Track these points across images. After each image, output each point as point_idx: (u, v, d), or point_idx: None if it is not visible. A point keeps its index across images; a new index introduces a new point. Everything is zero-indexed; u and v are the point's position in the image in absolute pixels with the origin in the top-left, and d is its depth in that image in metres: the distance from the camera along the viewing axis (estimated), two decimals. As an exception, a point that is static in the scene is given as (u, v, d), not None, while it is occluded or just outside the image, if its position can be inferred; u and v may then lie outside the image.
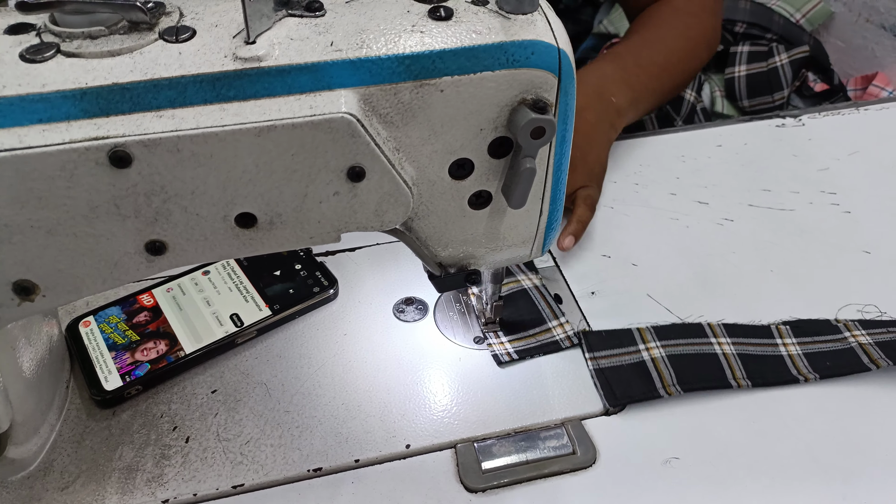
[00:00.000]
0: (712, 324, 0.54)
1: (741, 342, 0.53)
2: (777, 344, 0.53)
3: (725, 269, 0.61)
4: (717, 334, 0.53)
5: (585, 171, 0.64)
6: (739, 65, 0.96)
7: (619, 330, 0.54)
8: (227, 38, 0.34)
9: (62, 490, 0.45)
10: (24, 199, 0.32)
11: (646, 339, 0.53)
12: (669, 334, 0.54)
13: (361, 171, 0.36)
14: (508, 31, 0.35)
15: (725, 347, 0.52)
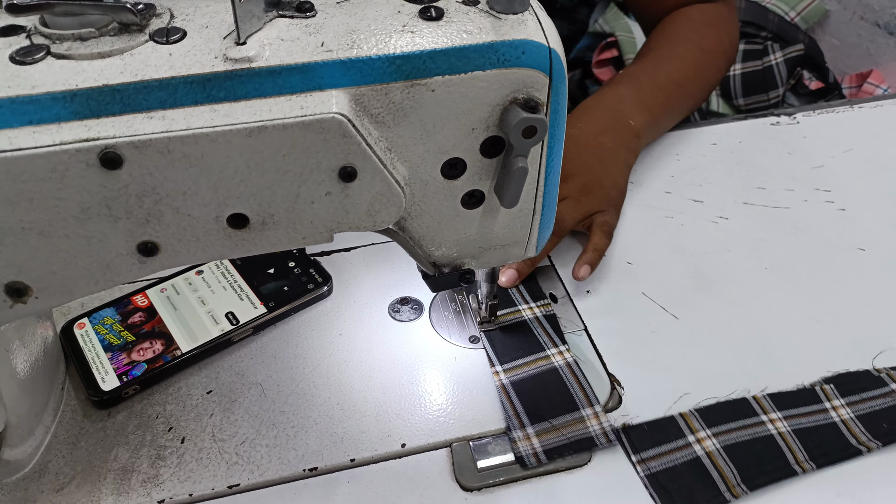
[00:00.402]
0: (758, 397, 0.50)
1: (792, 415, 0.49)
2: (826, 409, 0.49)
3: (720, 267, 0.61)
4: (766, 409, 0.49)
5: (602, 196, 0.62)
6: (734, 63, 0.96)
7: (662, 420, 0.49)
8: (217, 39, 0.34)
9: (57, 491, 0.46)
10: (16, 201, 0.32)
11: (693, 427, 0.48)
12: (717, 418, 0.49)
13: (353, 172, 0.36)
14: (499, 31, 0.35)
15: (779, 425, 0.48)
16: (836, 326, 0.56)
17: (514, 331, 0.55)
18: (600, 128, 0.65)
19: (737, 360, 0.54)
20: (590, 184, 0.61)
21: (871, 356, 0.54)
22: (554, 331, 0.55)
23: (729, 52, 0.78)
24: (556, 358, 0.52)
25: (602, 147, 0.63)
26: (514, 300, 0.57)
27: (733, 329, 0.56)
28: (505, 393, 0.50)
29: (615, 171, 0.64)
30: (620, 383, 0.52)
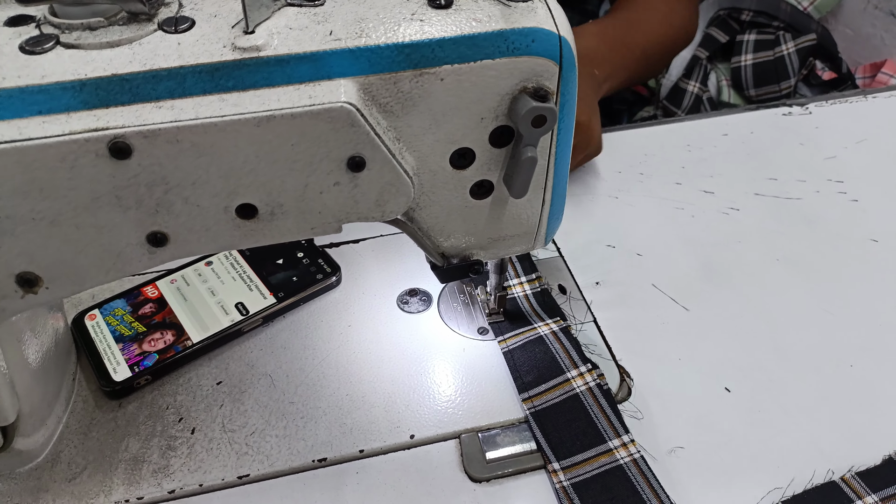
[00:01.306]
0: (847, 478, 0.45)
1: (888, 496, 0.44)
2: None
3: (731, 258, 0.61)
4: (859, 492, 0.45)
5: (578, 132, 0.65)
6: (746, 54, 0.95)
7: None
8: (226, 29, 0.34)
9: (69, 481, 0.46)
10: (26, 191, 0.32)
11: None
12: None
13: (362, 161, 0.35)
14: (509, 19, 0.35)
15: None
16: (848, 318, 0.56)
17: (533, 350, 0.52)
18: None
19: (747, 353, 0.53)
20: None
21: (883, 348, 0.53)
22: (574, 348, 0.52)
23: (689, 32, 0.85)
24: (576, 381, 0.49)
25: None
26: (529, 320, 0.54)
27: (744, 321, 0.56)
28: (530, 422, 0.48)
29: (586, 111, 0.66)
30: (630, 375, 0.52)
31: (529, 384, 0.49)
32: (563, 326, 0.53)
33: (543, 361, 0.51)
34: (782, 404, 0.50)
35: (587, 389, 0.49)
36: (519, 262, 0.59)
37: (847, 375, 0.52)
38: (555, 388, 0.49)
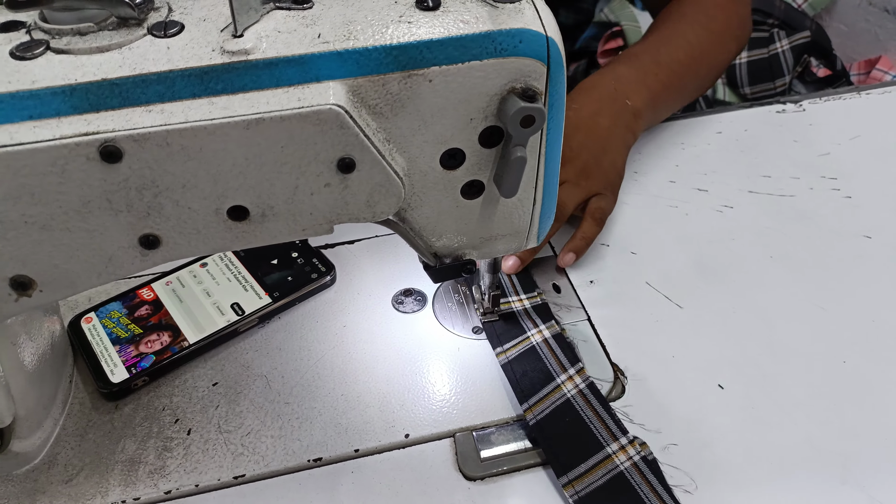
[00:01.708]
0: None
1: None
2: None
3: (725, 256, 0.61)
4: None
5: (601, 178, 0.61)
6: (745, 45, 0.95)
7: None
8: (214, 32, 0.34)
9: (66, 483, 0.46)
10: (17, 195, 0.32)
11: None
12: None
13: (351, 163, 0.36)
14: (496, 20, 0.35)
15: None
16: (841, 314, 0.56)
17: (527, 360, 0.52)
18: (597, 108, 0.63)
19: (741, 349, 0.54)
20: (588, 166, 0.61)
21: (876, 344, 0.54)
22: (563, 350, 0.52)
23: (739, 32, 0.76)
24: (566, 386, 0.49)
25: (599, 127, 0.62)
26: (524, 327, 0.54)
27: (738, 318, 0.56)
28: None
29: (613, 152, 0.63)
30: (624, 373, 0.52)
31: (527, 395, 0.49)
32: (556, 332, 0.53)
33: (536, 370, 0.51)
34: (776, 401, 0.50)
35: (578, 393, 0.49)
36: (519, 280, 0.58)
37: (840, 371, 0.52)
38: (548, 396, 0.49)
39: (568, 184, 0.60)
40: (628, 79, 0.66)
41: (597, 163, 0.61)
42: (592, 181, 0.61)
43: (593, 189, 0.61)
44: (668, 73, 0.68)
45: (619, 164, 0.64)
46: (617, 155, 0.63)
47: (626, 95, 0.65)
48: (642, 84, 0.66)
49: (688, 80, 0.71)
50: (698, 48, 0.71)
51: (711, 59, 0.73)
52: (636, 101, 0.65)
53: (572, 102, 0.63)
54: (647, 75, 0.67)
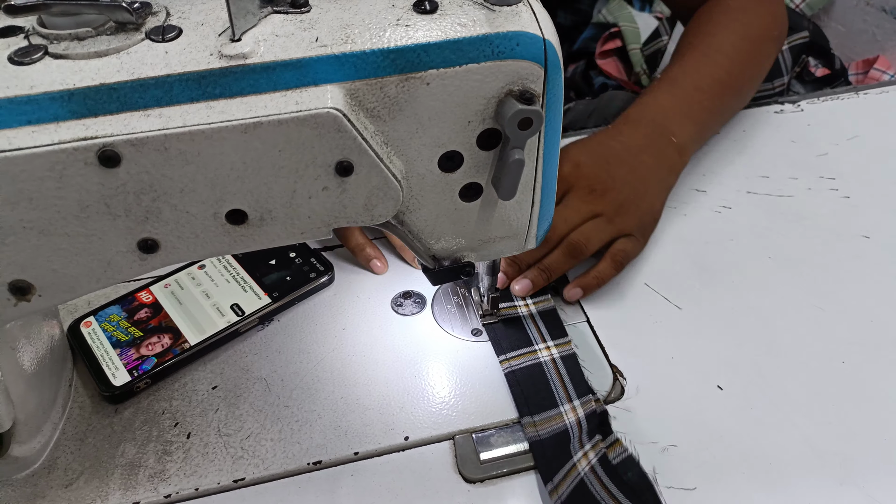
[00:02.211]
0: None
1: None
2: None
3: (723, 256, 0.61)
4: None
5: (635, 218, 0.58)
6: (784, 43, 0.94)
7: None
8: (212, 37, 0.34)
9: (66, 487, 0.46)
10: (15, 201, 0.32)
11: None
12: None
13: (349, 166, 0.36)
14: (493, 23, 0.35)
15: None
16: (840, 315, 0.56)
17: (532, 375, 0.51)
18: (641, 144, 0.61)
19: (740, 350, 0.54)
20: (627, 203, 0.58)
21: (875, 345, 0.54)
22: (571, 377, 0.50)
23: (776, 33, 0.73)
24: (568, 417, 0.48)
25: (643, 165, 0.60)
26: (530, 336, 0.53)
27: (736, 319, 0.56)
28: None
29: (653, 194, 0.60)
30: (623, 374, 0.52)
31: (530, 411, 0.49)
32: (568, 353, 0.51)
33: (541, 392, 0.50)
34: (774, 401, 0.50)
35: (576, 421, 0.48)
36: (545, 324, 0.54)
37: (839, 371, 0.52)
38: (552, 420, 0.48)
39: (601, 218, 0.57)
40: (672, 111, 0.63)
41: (635, 202, 0.59)
42: (626, 220, 0.58)
43: (625, 228, 0.58)
44: (712, 98, 0.65)
45: (656, 207, 0.61)
46: (656, 198, 0.61)
47: (671, 131, 0.62)
48: (687, 117, 0.64)
49: (731, 99, 0.69)
50: (738, 62, 0.67)
51: (752, 70, 0.70)
52: (682, 136, 0.63)
53: (618, 134, 0.62)
54: (692, 105, 0.64)
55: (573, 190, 0.58)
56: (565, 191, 0.58)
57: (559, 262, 0.56)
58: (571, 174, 0.58)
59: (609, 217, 0.57)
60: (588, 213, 0.56)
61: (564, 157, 0.58)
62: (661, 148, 0.62)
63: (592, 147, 0.60)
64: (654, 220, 0.61)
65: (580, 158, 0.59)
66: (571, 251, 0.56)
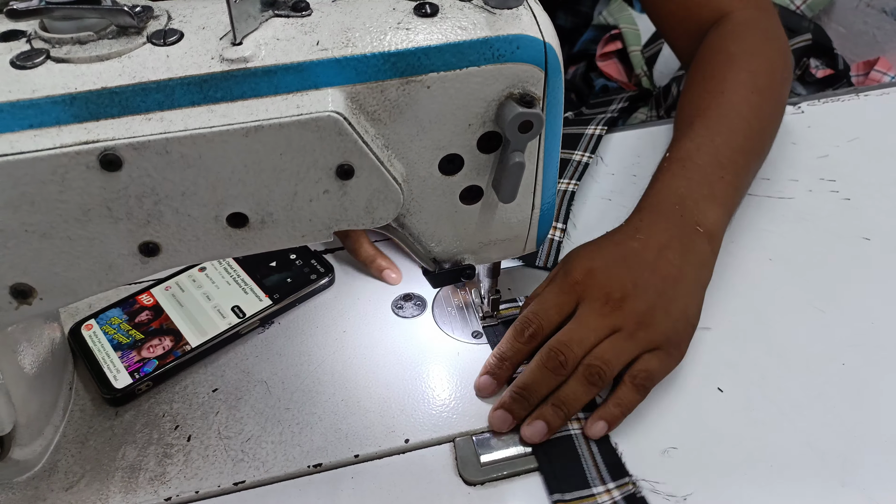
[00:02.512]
0: None
1: None
2: None
3: (723, 258, 0.61)
4: None
5: (665, 328, 0.49)
6: None
7: None
8: (214, 40, 0.34)
9: (66, 490, 0.46)
10: (17, 204, 0.32)
11: None
12: None
13: (350, 169, 0.36)
14: (493, 26, 0.35)
15: None
16: (840, 316, 0.56)
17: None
18: (664, 240, 0.52)
19: (740, 352, 0.54)
20: (650, 313, 0.49)
21: (875, 346, 0.54)
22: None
23: (785, 74, 0.67)
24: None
25: (669, 265, 0.51)
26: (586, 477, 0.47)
27: (737, 320, 0.56)
28: None
29: (686, 295, 0.51)
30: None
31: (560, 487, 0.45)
32: (629, 494, 0.45)
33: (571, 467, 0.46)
34: (775, 403, 0.50)
35: None
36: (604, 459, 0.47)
37: (839, 373, 0.52)
38: None
39: (621, 334, 0.48)
40: (694, 197, 0.55)
41: (664, 309, 0.50)
42: (651, 332, 0.49)
43: (652, 342, 0.49)
44: (734, 171, 0.58)
45: (691, 311, 0.52)
46: (690, 300, 0.52)
47: (696, 220, 0.54)
48: (711, 199, 0.56)
49: (753, 163, 0.62)
50: (755, 119, 0.61)
51: (769, 122, 0.64)
52: (709, 223, 0.55)
53: (636, 232, 0.53)
54: (714, 185, 0.57)
55: (585, 301, 0.49)
56: (578, 299, 0.49)
57: (578, 393, 0.48)
58: (583, 282, 0.49)
59: (630, 331, 0.48)
60: (606, 330, 0.48)
61: (575, 262, 0.51)
62: (687, 241, 0.53)
63: (607, 248, 0.52)
64: (691, 325, 0.52)
65: (593, 263, 0.50)
66: (590, 379, 0.47)
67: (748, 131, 0.61)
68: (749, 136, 0.61)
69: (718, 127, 0.60)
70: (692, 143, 0.59)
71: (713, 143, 0.59)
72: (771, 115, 0.65)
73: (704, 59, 0.67)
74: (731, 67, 0.64)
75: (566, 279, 0.50)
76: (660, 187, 0.57)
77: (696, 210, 0.55)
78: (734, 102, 0.61)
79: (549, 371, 0.47)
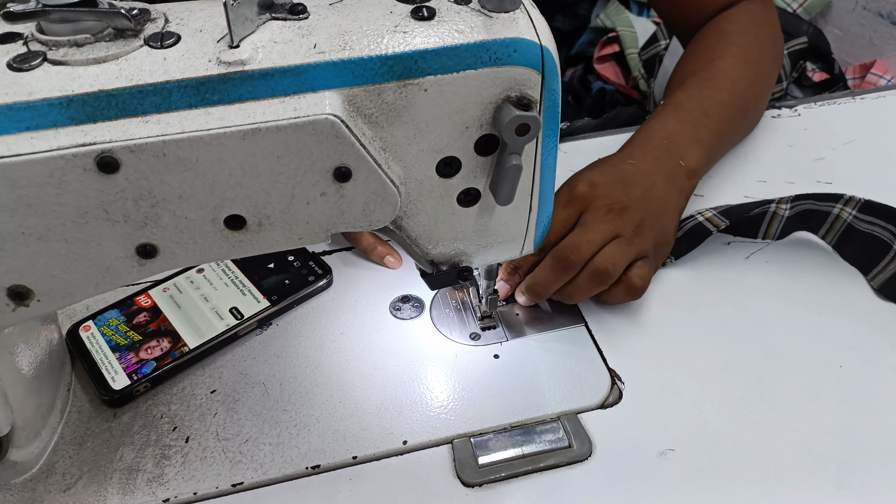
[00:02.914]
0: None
1: None
2: None
3: (721, 260, 0.61)
4: None
5: (651, 239, 0.56)
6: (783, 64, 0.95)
7: None
8: (211, 43, 0.34)
9: (64, 491, 0.46)
10: (14, 207, 0.33)
11: None
12: None
13: (347, 172, 0.36)
14: (490, 30, 0.35)
15: None
16: (837, 319, 0.56)
17: None
18: (653, 167, 0.60)
19: (737, 355, 0.54)
20: (643, 223, 0.56)
21: (872, 349, 0.54)
22: None
23: (774, 54, 0.73)
24: None
25: (655, 187, 0.59)
26: None
27: (733, 323, 0.56)
28: None
29: (668, 215, 0.59)
30: (621, 378, 0.52)
31: None
32: None
33: None
34: (772, 405, 0.50)
35: None
36: None
37: (836, 376, 0.52)
38: None
39: (622, 239, 0.54)
40: (680, 136, 0.63)
41: (650, 223, 0.56)
42: (643, 241, 0.55)
43: (642, 250, 0.55)
44: (718, 121, 0.66)
45: (669, 229, 0.59)
46: (669, 220, 0.59)
47: (680, 156, 0.62)
48: (694, 140, 0.63)
49: (737, 121, 0.69)
50: (741, 84, 0.68)
51: (755, 91, 0.71)
52: (690, 160, 0.62)
53: (627, 157, 0.61)
54: (699, 129, 0.64)
55: (590, 209, 0.55)
56: (582, 210, 0.55)
57: (584, 288, 0.54)
58: (588, 193, 0.56)
59: (628, 238, 0.54)
60: (609, 234, 0.54)
61: (578, 178, 0.58)
62: (671, 172, 0.60)
63: (605, 169, 0.59)
64: (668, 242, 0.59)
65: (595, 178, 0.57)
66: (598, 277, 0.53)
67: (734, 91, 0.68)
68: (735, 94, 0.68)
69: (708, 84, 0.67)
70: (684, 94, 0.67)
71: (702, 96, 0.66)
72: (758, 84, 0.71)
73: (700, 36, 0.74)
74: (724, 42, 0.71)
75: (571, 193, 0.56)
76: (652, 125, 0.64)
77: (681, 147, 0.62)
78: (722, 67, 0.69)
79: (559, 270, 0.53)
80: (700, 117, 0.65)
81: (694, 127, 0.64)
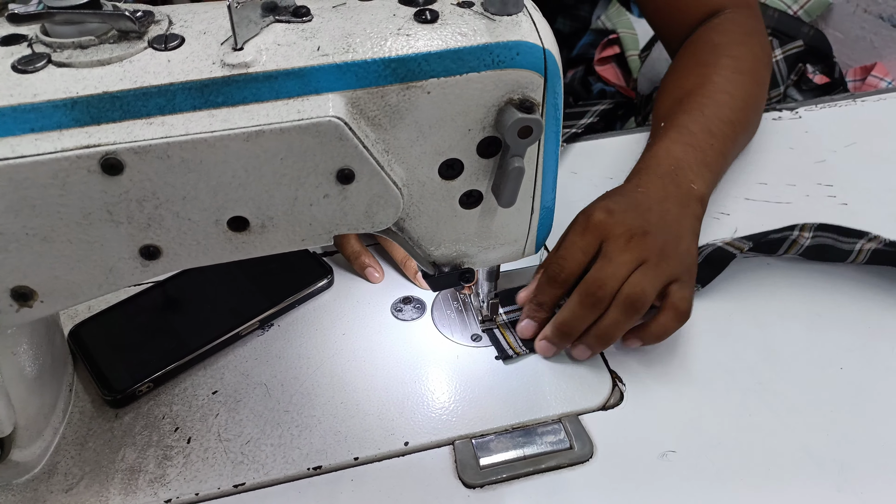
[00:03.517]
0: None
1: None
2: None
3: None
4: None
5: (678, 261, 0.54)
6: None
7: None
8: (215, 45, 0.34)
9: (66, 492, 0.46)
10: (19, 208, 0.33)
11: None
12: None
13: (350, 174, 0.36)
14: (493, 33, 0.36)
15: None
16: (838, 321, 0.56)
17: None
18: (663, 194, 0.58)
19: (738, 356, 0.54)
20: (668, 246, 0.54)
21: (873, 351, 0.54)
22: None
23: (767, 61, 0.73)
24: None
25: (669, 214, 0.57)
26: None
27: (734, 325, 0.56)
28: None
29: (688, 239, 0.57)
30: (622, 379, 0.52)
31: None
32: None
33: None
34: (773, 407, 0.50)
35: None
36: None
37: (837, 378, 0.52)
38: None
39: (647, 265, 0.52)
40: (688, 161, 0.61)
41: (674, 245, 0.54)
42: (673, 264, 0.53)
43: (673, 273, 0.53)
44: (723, 140, 0.65)
45: (693, 250, 0.57)
46: (691, 243, 0.57)
47: (690, 180, 0.60)
48: (703, 164, 0.62)
49: (740, 136, 0.68)
50: (740, 98, 0.67)
51: (754, 102, 0.70)
52: (701, 185, 0.61)
53: (637, 186, 0.59)
54: (706, 152, 0.63)
55: (611, 238, 0.53)
56: (601, 238, 0.53)
57: (619, 322, 0.51)
58: (606, 220, 0.53)
59: (655, 262, 0.52)
60: (634, 262, 0.52)
61: (594, 206, 0.55)
62: (683, 198, 0.59)
63: (617, 198, 0.57)
64: (695, 261, 0.57)
65: (610, 206, 0.55)
66: (631, 307, 0.50)
67: (735, 106, 0.67)
68: (734, 108, 0.67)
69: (707, 101, 0.66)
70: (685, 115, 0.65)
71: (703, 114, 0.65)
72: (756, 94, 0.71)
73: (690, 48, 0.73)
74: (715, 55, 0.70)
75: (588, 221, 0.54)
76: (656, 152, 0.62)
77: (690, 174, 0.61)
78: (719, 82, 0.68)
79: (588, 308, 0.51)
80: (705, 138, 0.63)
81: (701, 151, 0.63)
